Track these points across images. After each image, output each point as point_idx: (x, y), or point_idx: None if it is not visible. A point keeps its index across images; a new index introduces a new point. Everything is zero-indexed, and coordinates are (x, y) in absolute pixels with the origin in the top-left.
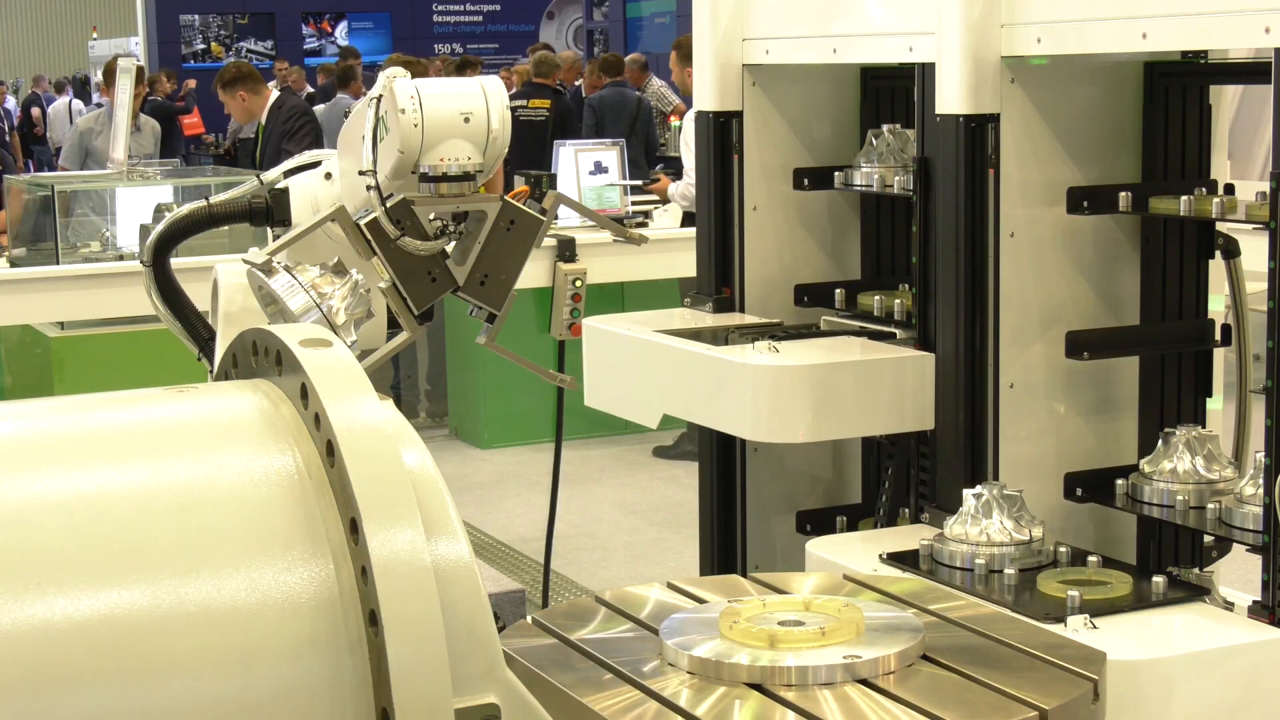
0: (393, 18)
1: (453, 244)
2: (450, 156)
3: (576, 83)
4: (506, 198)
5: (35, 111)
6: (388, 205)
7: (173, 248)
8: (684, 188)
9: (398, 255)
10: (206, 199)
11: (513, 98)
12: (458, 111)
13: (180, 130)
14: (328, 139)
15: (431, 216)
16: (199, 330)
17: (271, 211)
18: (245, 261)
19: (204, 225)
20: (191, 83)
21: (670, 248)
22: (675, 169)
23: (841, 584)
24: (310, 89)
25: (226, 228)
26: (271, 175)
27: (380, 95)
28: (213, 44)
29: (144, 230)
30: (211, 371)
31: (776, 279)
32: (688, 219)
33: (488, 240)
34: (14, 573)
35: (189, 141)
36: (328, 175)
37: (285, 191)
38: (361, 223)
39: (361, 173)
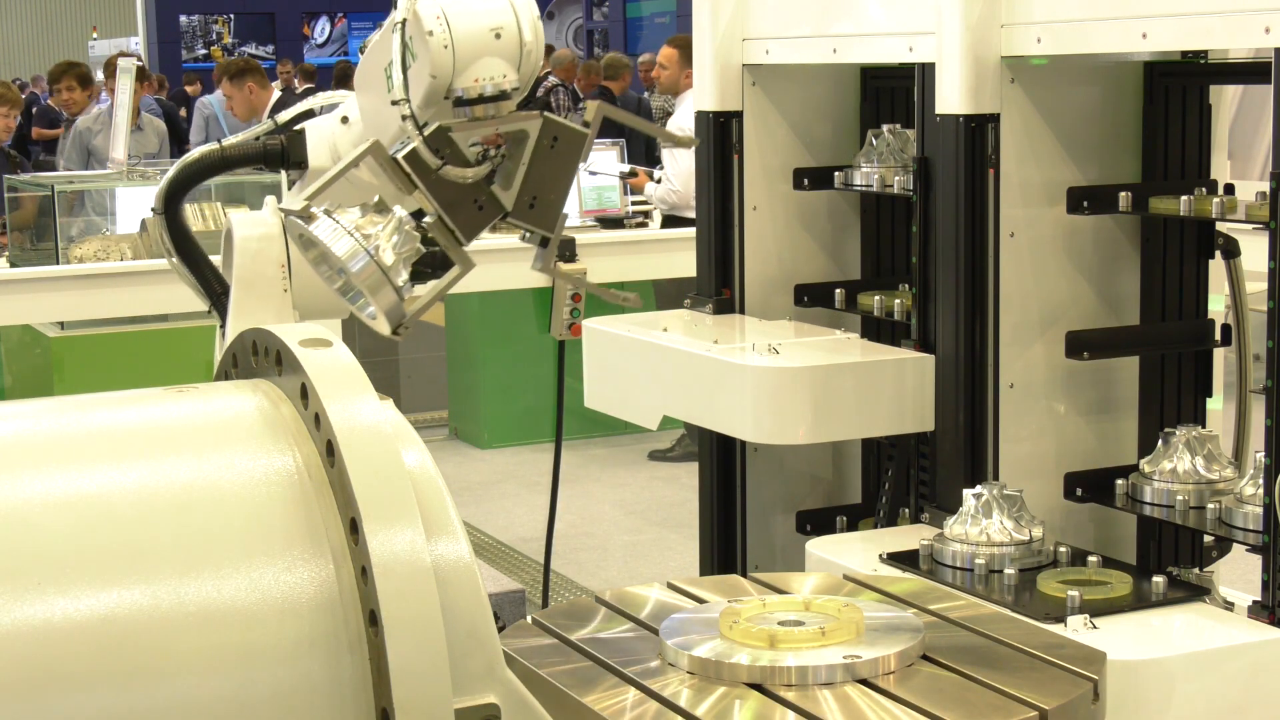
0: None
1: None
2: (484, 76)
3: (574, 82)
4: (546, 114)
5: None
6: (425, 134)
7: (185, 194)
8: (663, 191)
9: (440, 186)
10: (219, 140)
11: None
12: (488, 28)
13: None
14: None
15: (471, 142)
16: (212, 284)
17: (287, 153)
18: (282, 210)
19: (216, 169)
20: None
21: (670, 248)
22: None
23: (841, 584)
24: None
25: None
26: (286, 116)
27: (404, 19)
28: (213, 48)
29: (143, 226)
30: (222, 328)
31: (776, 279)
32: (667, 221)
33: (532, 160)
34: (14, 573)
35: None
36: (344, 119)
37: (301, 133)
38: (399, 156)
39: (394, 103)
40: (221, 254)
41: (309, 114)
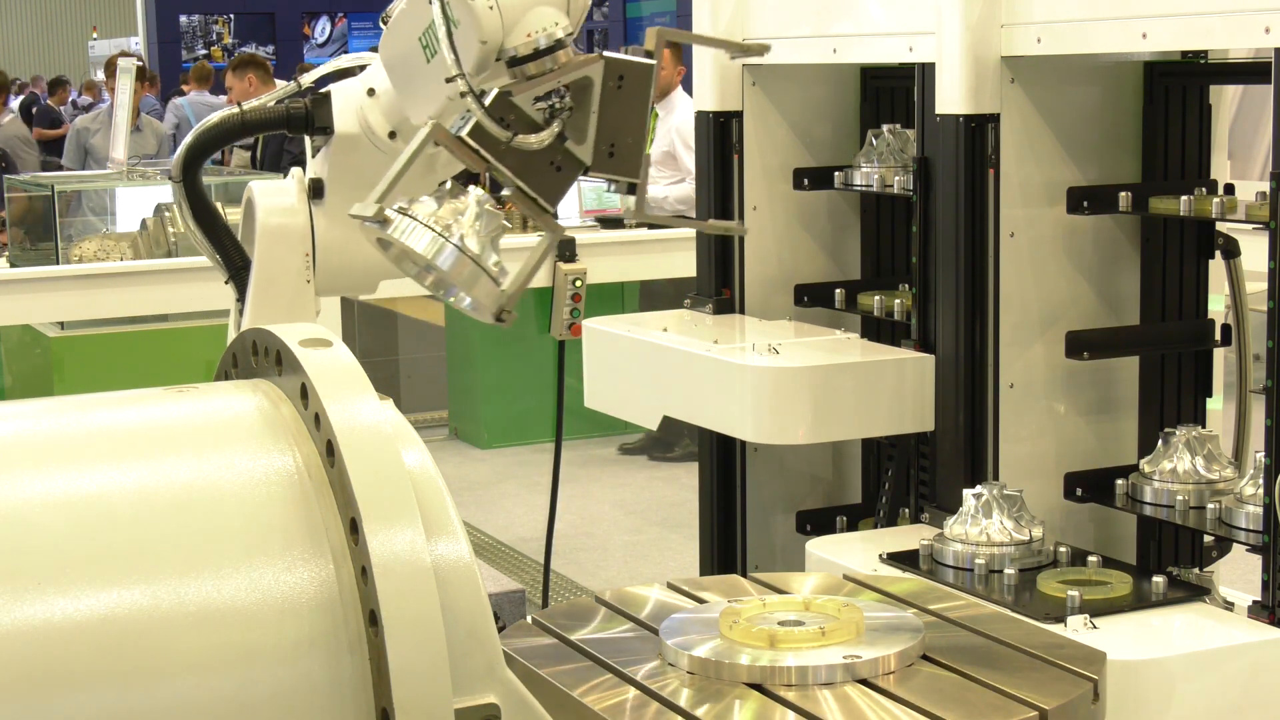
0: None
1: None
2: (537, 28)
3: None
4: (606, 54)
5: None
6: (486, 105)
7: (204, 160)
8: (685, 191)
9: (513, 156)
10: (239, 104)
11: None
12: None
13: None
14: None
15: (534, 101)
16: (232, 256)
17: (311, 118)
18: (354, 216)
19: (237, 134)
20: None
21: (670, 247)
22: None
23: (841, 584)
24: None
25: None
26: (310, 78)
27: None
28: (213, 48)
29: (144, 225)
30: (239, 300)
31: (776, 279)
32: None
33: (601, 106)
34: (14, 573)
35: None
36: (370, 92)
37: (327, 96)
38: (464, 134)
39: (449, 80)
40: (241, 222)
41: (334, 76)
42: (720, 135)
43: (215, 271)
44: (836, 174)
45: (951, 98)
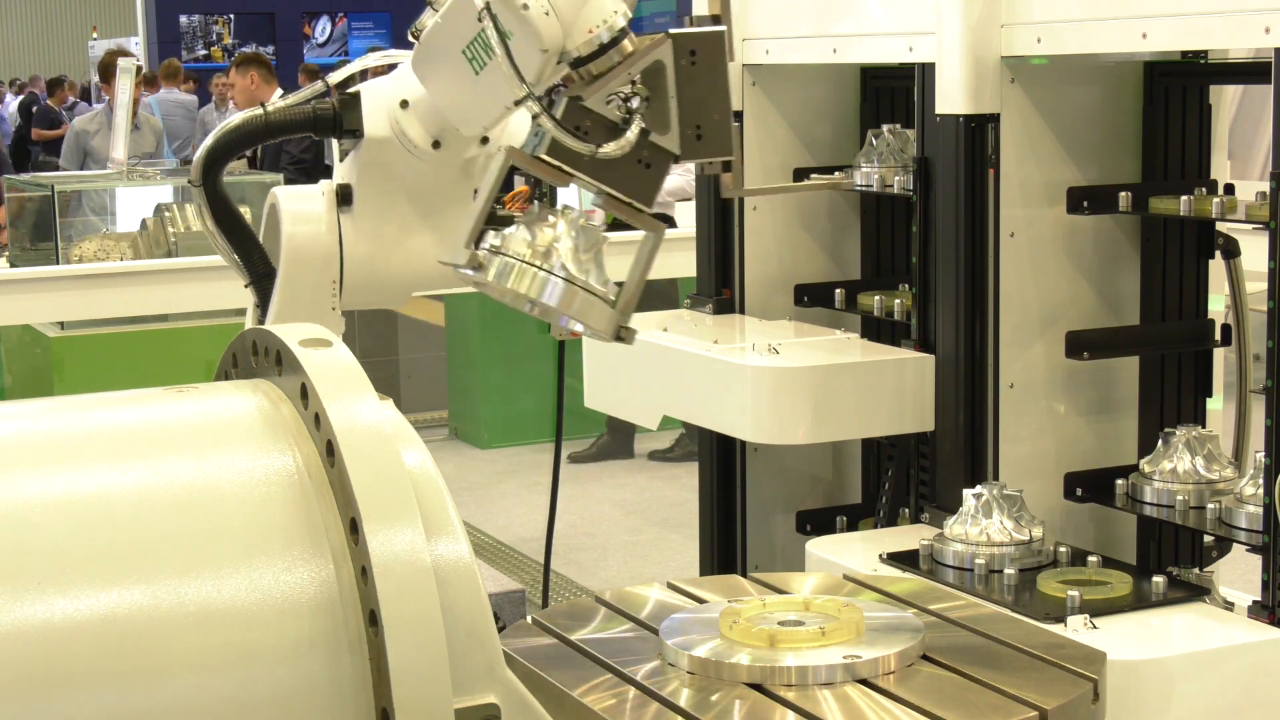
0: (393, 18)
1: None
2: (596, 23)
3: None
4: (670, 31)
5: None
6: (561, 119)
7: (226, 163)
8: (682, 182)
9: (597, 164)
10: (263, 104)
11: None
12: None
13: None
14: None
15: (607, 100)
16: (256, 263)
17: (340, 120)
18: (444, 263)
19: (261, 136)
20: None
21: (670, 247)
22: None
23: (841, 584)
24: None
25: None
26: (338, 76)
27: (486, 5)
28: (213, 49)
29: (144, 225)
30: (261, 307)
31: (776, 279)
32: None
33: (678, 87)
34: (14, 573)
35: None
36: (404, 104)
37: (355, 97)
38: (541, 154)
39: (518, 102)
40: (264, 228)
41: (362, 75)
42: None
43: (215, 272)
44: (836, 174)
45: (951, 98)
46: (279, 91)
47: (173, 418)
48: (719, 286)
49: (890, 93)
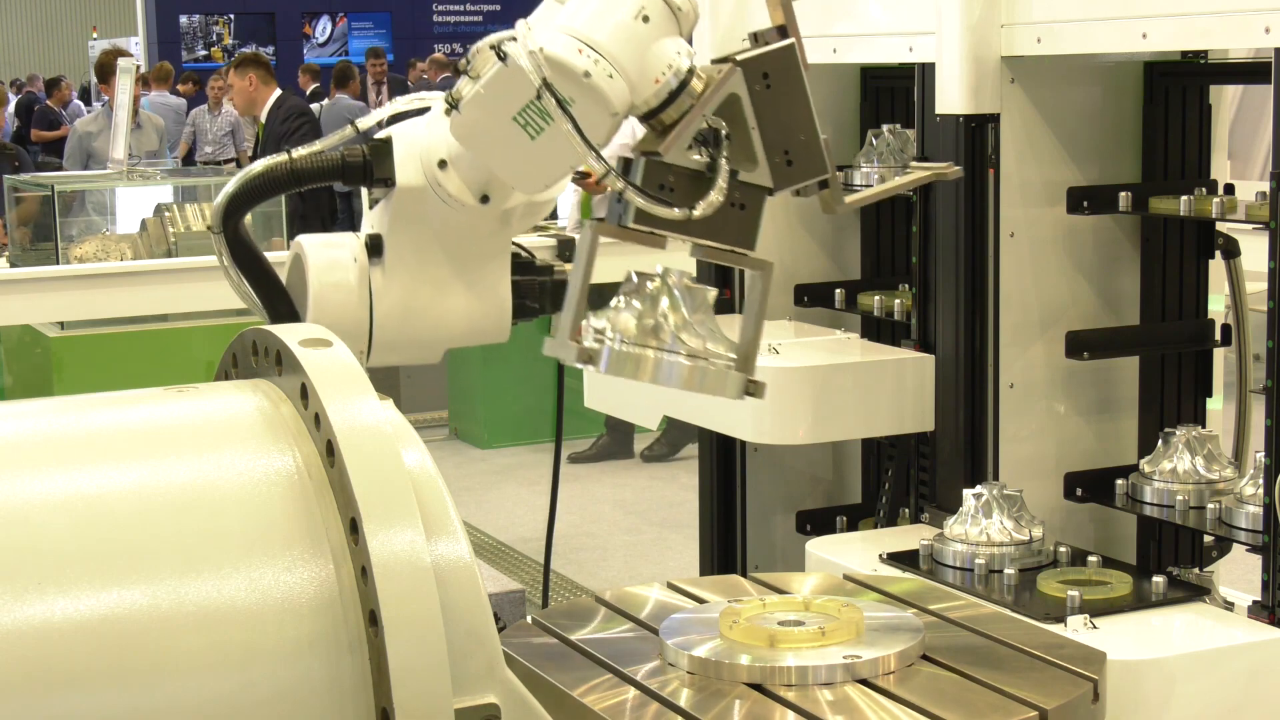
0: (393, 18)
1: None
2: (661, 70)
3: None
4: (736, 59)
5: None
6: (642, 185)
7: (247, 211)
8: None
9: (690, 221)
10: (288, 151)
11: None
12: (632, 18)
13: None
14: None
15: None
16: (279, 308)
17: (370, 168)
18: (549, 355)
19: (285, 184)
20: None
21: (670, 247)
22: None
23: (841, 584)
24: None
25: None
26: (368, 121)
27: (543, 81)
28: (213, 49)
29: (144, 226)
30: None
31: (777, 279)
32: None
33: (758, 116)
34: (14, 573)
35: None
36: (442, 164)
37: (388, 143)
38: (630, 224)
39: (599, 181)
40: (288, 275)
41: (393, 120)
42: None
43: (216, 271)
44: (837, 173)
45: (951, 98)
46: (277, 92)
47: (173, 418)
48: (719, 286)
49: (890, 93)
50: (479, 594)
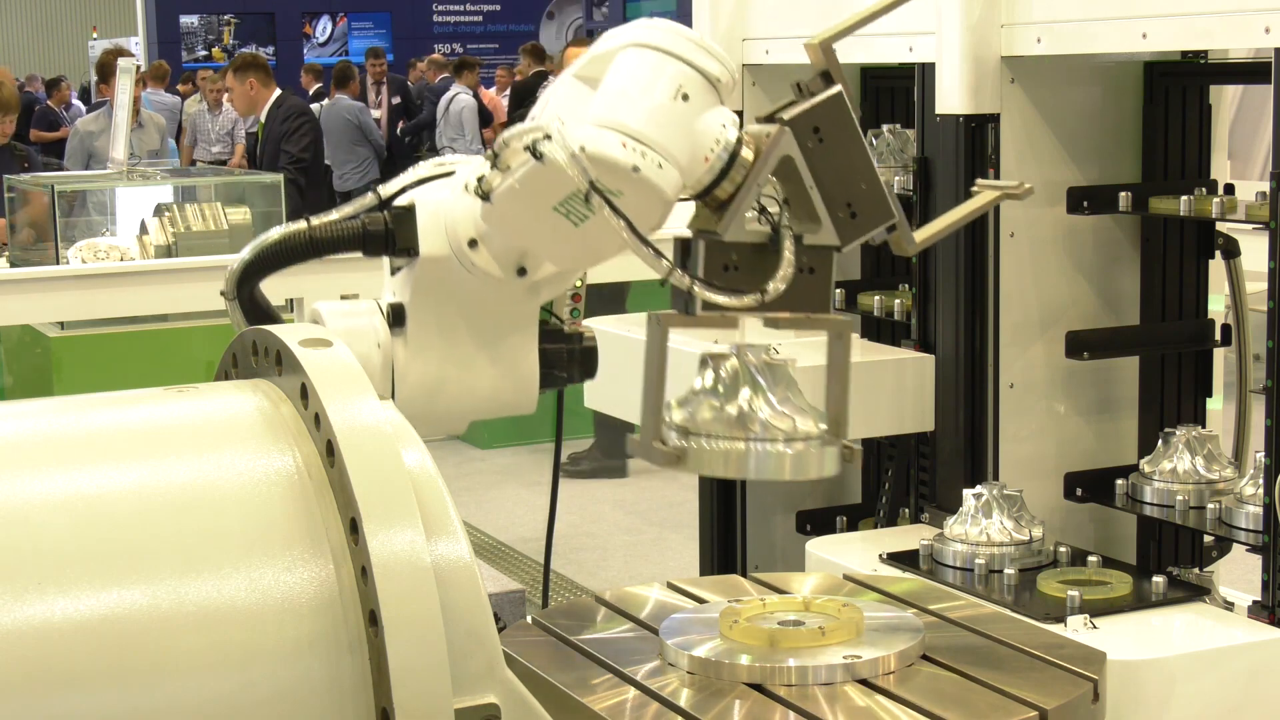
0: (393, 18)
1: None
2: (708, 147)
3: None
4: (784, 118)
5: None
6: (706, 270)
7: (262, 278)
8: None
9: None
10: (306, 218)
11: None
12: (670, 98)
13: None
14: (327, 139)
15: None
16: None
17: (393, 237)
18: (636, 457)
19: (303, 254)
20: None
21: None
22: None
23: (841, 584)
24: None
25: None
26: (391, 188)
27: (591, 183)
28: (214, 49)
29: (144, 228)
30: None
31: None
32: None
33: (815, 175)
34: (14, 573)
35: None
36: (472, 243)
37: (410, 211)
38: (699, 313)
39: (662, 283)
40: None
41: (415, 185)
42: None
43: (216, 272)
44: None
45: (951, 98)
46: (277, 92)
47: (173, 418)
48: None
49: (890, 93)
50: (479, 594)
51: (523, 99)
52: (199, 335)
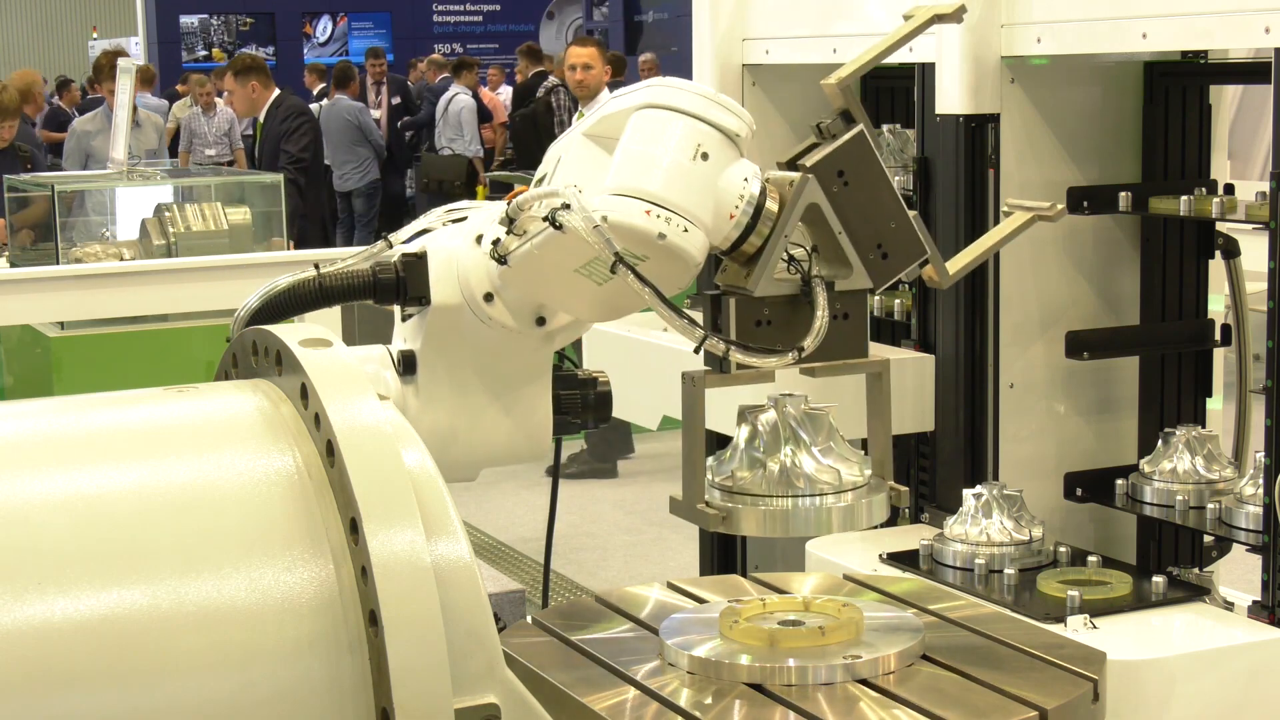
0: (393, 18)
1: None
2: (734, 202)
3: None
4: (807, 165)
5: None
6: (739, 328)
7: (270, 323)
8: None
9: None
10: (316, 266)
11: None
12: (690, 158)
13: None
14: (327, 140)
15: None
16: None
17: (404, 286)
18: (679, 516)
19: (313, 302)
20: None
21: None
22: None
23: (841, 584)
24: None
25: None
26: (401, 236)
27: (617, 254)
28: (214, 49)
29: (144, 229)
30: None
31: None
32: None
33: (842, 219)
34: (14, 573)
35: None
36: (489, 298)
37: (422, 259)
38: (733, 369)
39: (697, 350)
40: None
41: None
42: None
43: (215, 271)
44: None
45: (951, 98)
46: (276, 92)
47: (173, 418)
48: None
49: (890, 93)
50: (479, 594)
51: (524, 99)
52: (199, 335)
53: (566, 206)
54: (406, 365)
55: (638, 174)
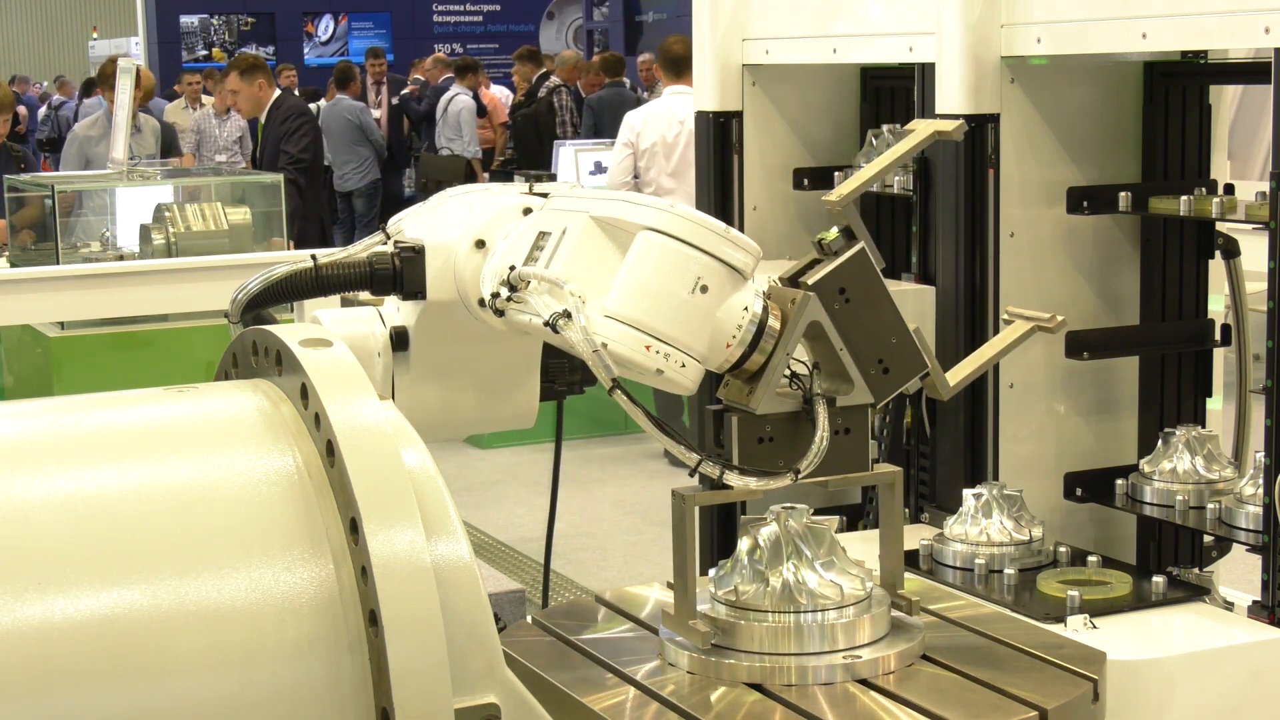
0: (393, 18)
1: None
2: (734, 325)
3: (577, 83)
4: (809, 284)
5: (22, 110)
6: (740, 448)
7: (266, 307)
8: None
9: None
10: (314, 256)
11: None
12: (688, 291)
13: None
14: (328, 140)
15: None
16: None
17: (401, 278)
18: (675, 633)
19: (309, 290)
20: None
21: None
22: None
23: None
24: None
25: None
26: (408, 215)
27: (613, 385)
28: (214, 49)
29: (144, 230)
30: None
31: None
32: None
33: (843, 336)
34: (14, 573)
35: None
36: (482, 303)
37: (420, 254)
38: (732, 484)
39: (692, 473)
40: None
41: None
42: (720, 135)
43: (215, 271)
44: (836, 174)
45: (951, 98)
46: (277, 92)
47: (173, 418)
48: None
49: (890, 93)
50: (479, 594)
51: (527, 99)
52: (199, 335)
53: (568, 315)
54: (399, 341)
55: (641, 305)
